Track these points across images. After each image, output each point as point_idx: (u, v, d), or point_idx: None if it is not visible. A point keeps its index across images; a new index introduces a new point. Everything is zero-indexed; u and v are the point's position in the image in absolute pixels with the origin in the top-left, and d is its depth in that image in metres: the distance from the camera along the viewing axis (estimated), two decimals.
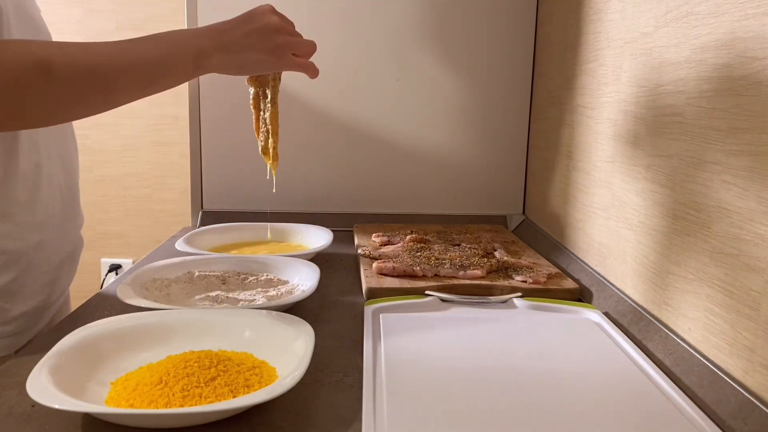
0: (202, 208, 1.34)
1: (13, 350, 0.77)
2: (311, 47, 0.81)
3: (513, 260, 0.98)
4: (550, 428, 0.53)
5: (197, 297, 0.82)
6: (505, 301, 0.85)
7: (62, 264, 0.85)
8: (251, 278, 0.88)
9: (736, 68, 0.60)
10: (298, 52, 0.78)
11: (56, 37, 0.80)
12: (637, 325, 0.76)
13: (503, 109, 1.34)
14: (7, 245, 0.74)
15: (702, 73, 0.66)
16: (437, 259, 0.96)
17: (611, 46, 0.91)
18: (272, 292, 0.83)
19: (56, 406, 0.48)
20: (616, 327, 0.75)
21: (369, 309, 0.79)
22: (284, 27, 0.76)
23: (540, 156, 1.27)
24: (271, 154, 0.86)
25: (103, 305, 0.81)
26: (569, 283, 0.91)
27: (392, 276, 0.92)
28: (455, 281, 0.90)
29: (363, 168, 1.35)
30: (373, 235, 1.16)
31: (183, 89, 1.10)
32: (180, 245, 1.01)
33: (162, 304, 0.75)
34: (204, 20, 1.26)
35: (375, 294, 0.86)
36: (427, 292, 0.86)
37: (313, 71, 0.81)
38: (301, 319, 0.66)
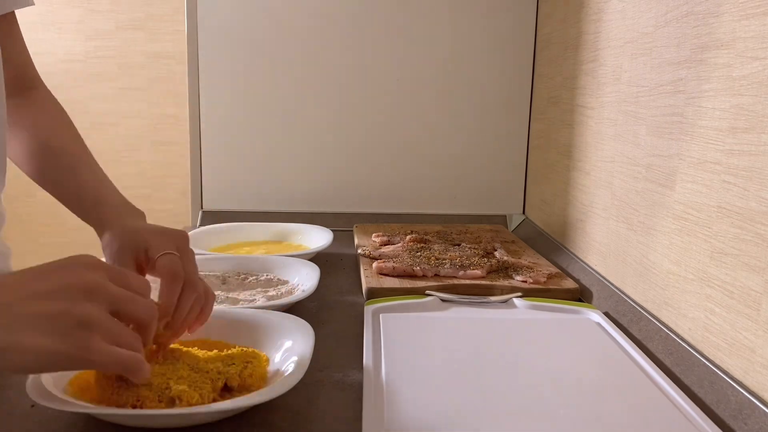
0: (202, 208, 1.34)
1: None
2: (146, 323, 0.48)
3: (513, 260, 0.98)
4: (550, 428, 0.53)
5: None
6: (505, 301, 0.85)
7: None
8: (251, 278, 0.88)
9: (736, 68, 0.60)
10: (118, 339, 0.46)
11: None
12: (637, 325, 0.76)
13: (503, 109, 1.34)
14: None
15: (702, 73, 0.66)
16: (437, 259, 0.95)
17: (611, 46, 0.91)
18: (272, 292, 0.83)
19: (56, 406, 0.48)
20: (616, 327, 0.75)
21: (369, 309, 0.79)
22: (102, 290, 0.45)
23: (540, 156, 1.27)
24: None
25: None
26: (569, 283, 0.91)
27: (392, 276, 0.92)
28: (455, 281, 0.90)
29: (363, 168, 1.35)
30: (373, 235, 1.16)
31: (183, 89, 1.10)
32: None
33: None
34: (205, 19, 1.26)
35: (375, 294, 0.86)
36: (427, 292, 0.86)
37: (136, 372, 0.47)
38: (301, 319, 0.66)
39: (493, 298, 0.86)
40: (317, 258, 1.03)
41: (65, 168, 0.73)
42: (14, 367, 0.42)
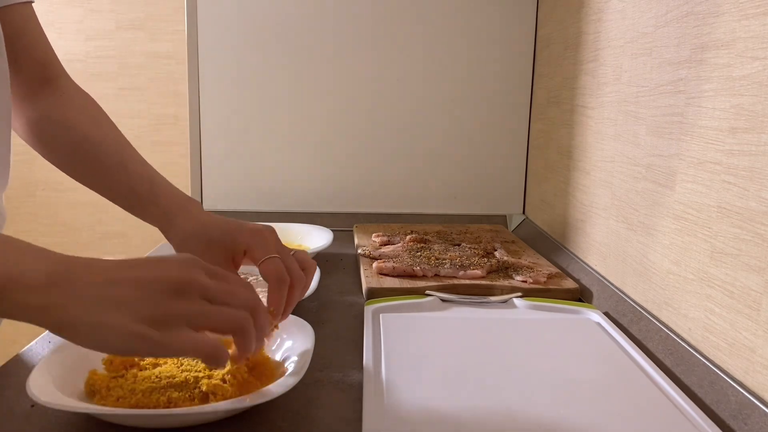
0: None
1: None
2: (239, 321, 0.46)
3: (513, 260, 0.98)
4: (550, 428, 0.53)
5: None
6: (505, 301, 0.85)
7: None
8: (251, 278, 0.88)
9: (736, 68, 0.60)
10: (207, 327, 0.46)
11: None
12: (637, 325, 0.76)
13: (503, 109, 1.34)
14: None
15: (702, 73, 0.66)
16: (437, 259, 0.95)
17: (611, 46, 0.91)
18: None
19: (56, 407, 0.48)
20: (616, 327, 0.75)
21: (369, 309, 0.79)
22: (195, 285, 0.45)
23: (540, 156, 1.27)
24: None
25: None
26: (569, 283, 0.91)
27: (392, 276, 0.92)
28: (455, 281, 0.90)
29: (363, 168, 1.35)
30: (373, 235, 1.16)
31: (183, 89, 1.10)
32: None
33: None
34: (205, 19, 1.26)
35: (375, 294, 0.86)
36: (427, 292, 0.86)
37: (217, 361, 0.45)
38: (301, 319, 0.66)
39: (493, 298, 0.86)
40: (317, 258, 1.03)
41: (112, 163, 0.70)
42: (98, 343, 0.42)
